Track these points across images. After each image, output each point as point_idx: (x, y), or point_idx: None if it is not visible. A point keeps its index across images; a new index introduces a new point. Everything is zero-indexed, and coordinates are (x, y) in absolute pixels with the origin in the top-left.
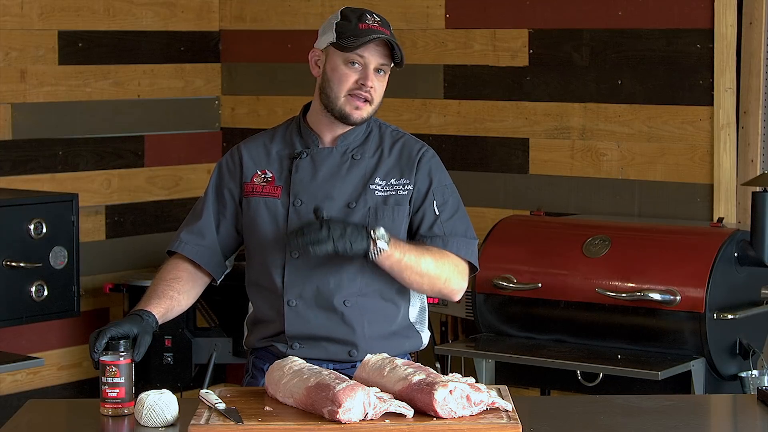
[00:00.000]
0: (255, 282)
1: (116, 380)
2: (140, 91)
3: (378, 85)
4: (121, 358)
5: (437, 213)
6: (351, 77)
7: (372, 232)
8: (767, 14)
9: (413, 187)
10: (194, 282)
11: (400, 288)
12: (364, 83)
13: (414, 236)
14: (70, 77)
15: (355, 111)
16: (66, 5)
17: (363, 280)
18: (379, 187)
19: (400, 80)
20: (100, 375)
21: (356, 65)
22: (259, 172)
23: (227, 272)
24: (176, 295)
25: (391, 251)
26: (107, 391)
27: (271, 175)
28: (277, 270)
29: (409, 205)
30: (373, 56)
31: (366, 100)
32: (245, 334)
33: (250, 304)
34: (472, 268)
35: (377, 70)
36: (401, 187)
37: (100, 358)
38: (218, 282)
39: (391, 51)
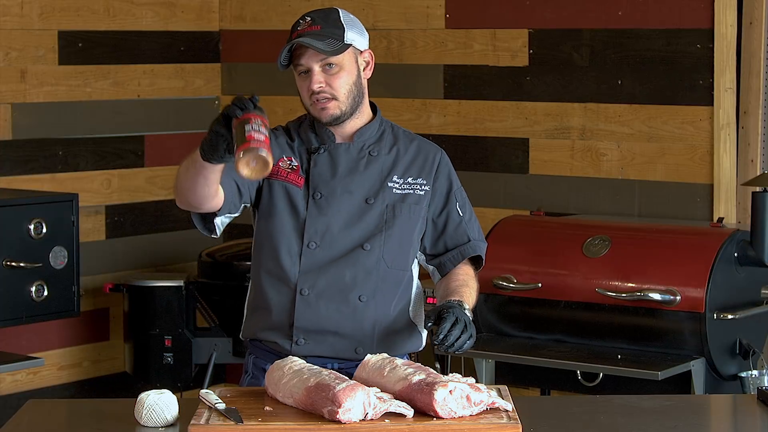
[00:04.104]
0: (266, 269)
1: (262, 129)
2: (140, 91)
3: (332, 79)
4: (265, 118)
5: (461, 214)
6: (304, 87)
7: (467, 310)
8: (767, 14)
9: (431, 189)
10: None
11: (406, 284)
12: (312, 89)
13: (439, 237)
14: (70, 77)
15: (322, 112)
16: (66, 5)
17: (378, 276)
18: (396, 185)
19: (400, 80)
20: (240, 127)
21: (306, 73)
22: (285, 158)
23: (225, 221)
24: None
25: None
26: (253, 134)
27: (296, 163)
28: (293, 259)
29: (428, 207)
30: (310, 59)
31: (327, 99)
32: (244, 317)
33: (249, 287)
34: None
35: (327, 65)
36: (419, 186)
37: (246, 113)
38: (218, 231)
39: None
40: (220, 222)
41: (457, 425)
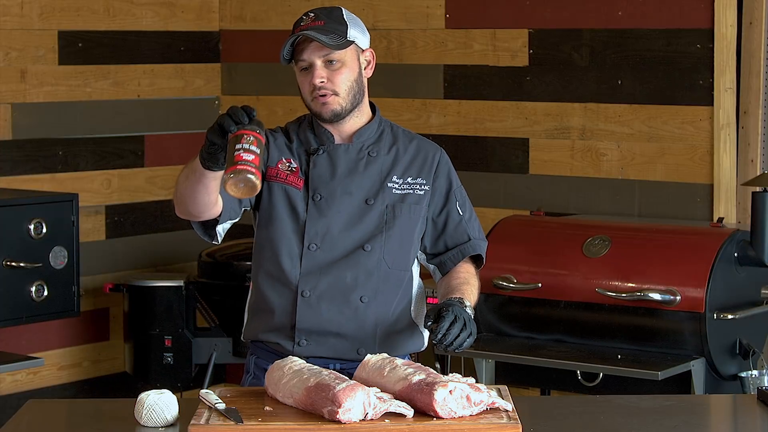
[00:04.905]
0: (267, 271)
1: (253, 148)
2: (140, 91)
3: (334, 75)
4: (260, 133)
5: (461, 213)
6: (306, 83)
7: (468, 307)
8: (767, 14)
9: (431, 189)
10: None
11: (407, 284)
12: (314, 83)
13: (439, 236)
14: (70, 77)
15: (323, 107)
16: (66, 5)
17: (379, 276)
18: (396, 185)
19: (400, 80)
20: (232, 145)
21: (307, 68)
22: (284, 160)
23: (226, 227)
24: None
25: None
26: (242, 155)
27: (295, 165)
28: (293, 261)
29: (428, 206)
30: (312, 54)
31: (328, 93)
32: (245, 320)
33: (250, 289)
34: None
35: (329, 61)
36: (418, 186)
37: (240, 129)
38: (220, 238)
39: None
40: (222, 229)
41: (457, 425)
